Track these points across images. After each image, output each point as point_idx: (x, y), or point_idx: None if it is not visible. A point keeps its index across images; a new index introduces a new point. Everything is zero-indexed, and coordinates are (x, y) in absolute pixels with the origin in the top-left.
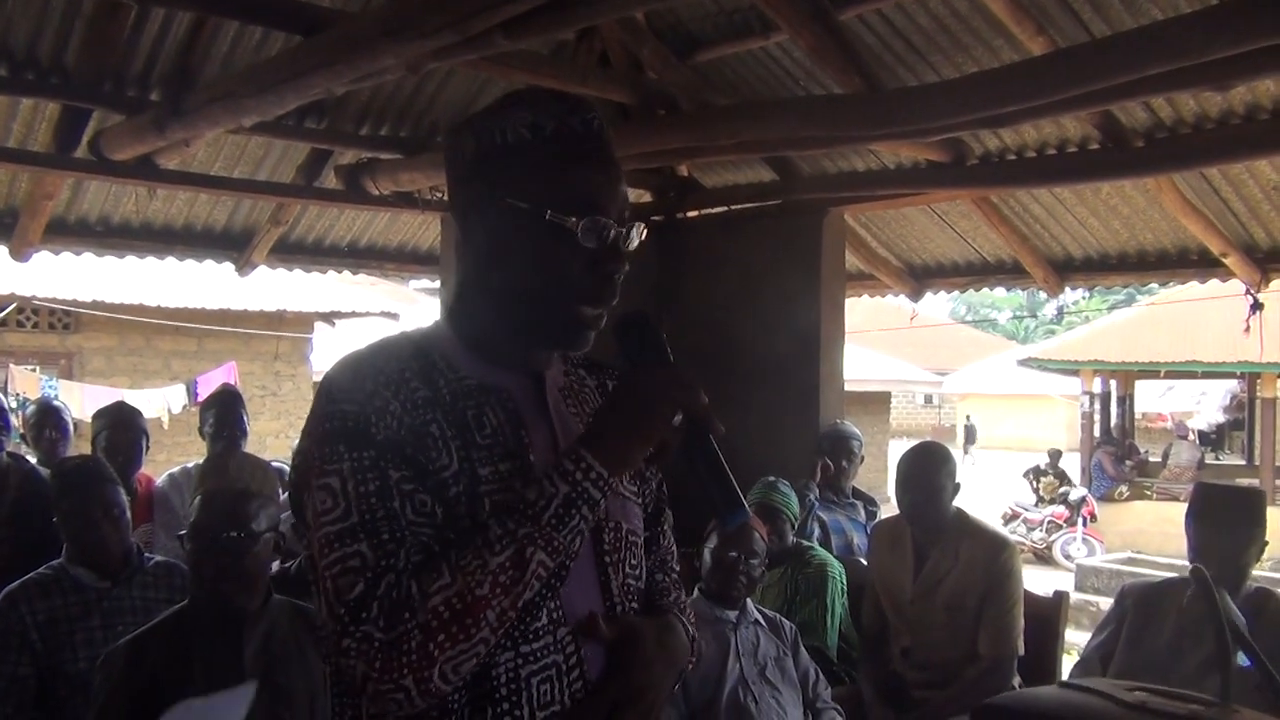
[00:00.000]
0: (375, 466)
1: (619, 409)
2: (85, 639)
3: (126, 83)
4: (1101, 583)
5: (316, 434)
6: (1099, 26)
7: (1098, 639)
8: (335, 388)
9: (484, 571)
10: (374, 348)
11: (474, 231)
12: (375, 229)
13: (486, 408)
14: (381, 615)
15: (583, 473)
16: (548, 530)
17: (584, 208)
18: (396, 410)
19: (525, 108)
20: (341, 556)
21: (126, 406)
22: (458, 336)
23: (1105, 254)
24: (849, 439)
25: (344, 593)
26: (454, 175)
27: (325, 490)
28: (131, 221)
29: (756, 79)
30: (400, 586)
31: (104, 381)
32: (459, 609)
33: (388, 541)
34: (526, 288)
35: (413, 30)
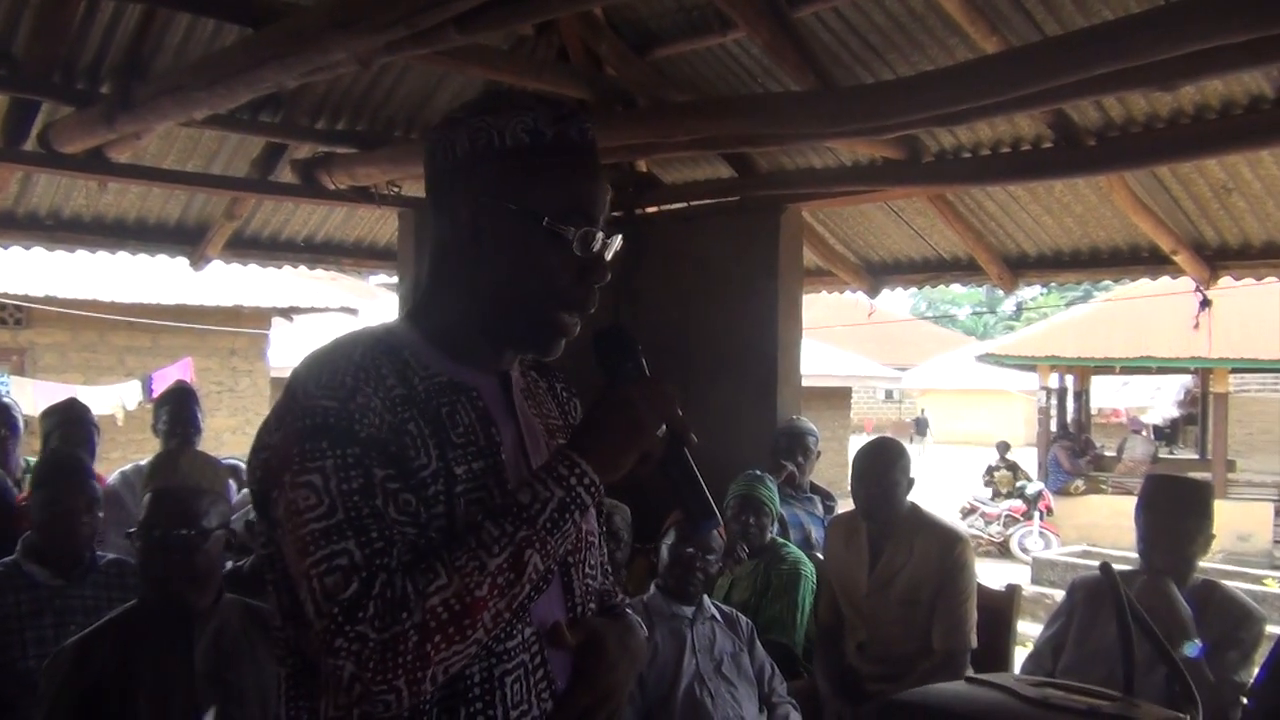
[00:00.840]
0: (359, 464)
1: (612, 418)
2: (36, 637)
3: (76, 74)
4: (1057, 575)
5: (294, 430)
6: (1051, 26)
7: (1049, 632)
8: (313, 383)
9: (483, 573)
10: (346, 343)
11: (458, 230)
12: (332, 224)
13: (458, 406)
14: (376, 615)
15: (576, 478)
16: (543, 534)
17: (579, 217)
18: (378, 407)
19: (524, 112)
20: (329, 555)
21: (77, 403)
22: (424, 334)
23: (1058, 251)
24: (805, 435)
25: (335, 591)
26: (440, 171)
27: (307, 487)
28: (83, 215)
29: (714, 76)
30: (394, 586)
31: (56, 378)
32: (458, 610)
33: (376, 539)
34: (512, 291)
35: (363, 23)
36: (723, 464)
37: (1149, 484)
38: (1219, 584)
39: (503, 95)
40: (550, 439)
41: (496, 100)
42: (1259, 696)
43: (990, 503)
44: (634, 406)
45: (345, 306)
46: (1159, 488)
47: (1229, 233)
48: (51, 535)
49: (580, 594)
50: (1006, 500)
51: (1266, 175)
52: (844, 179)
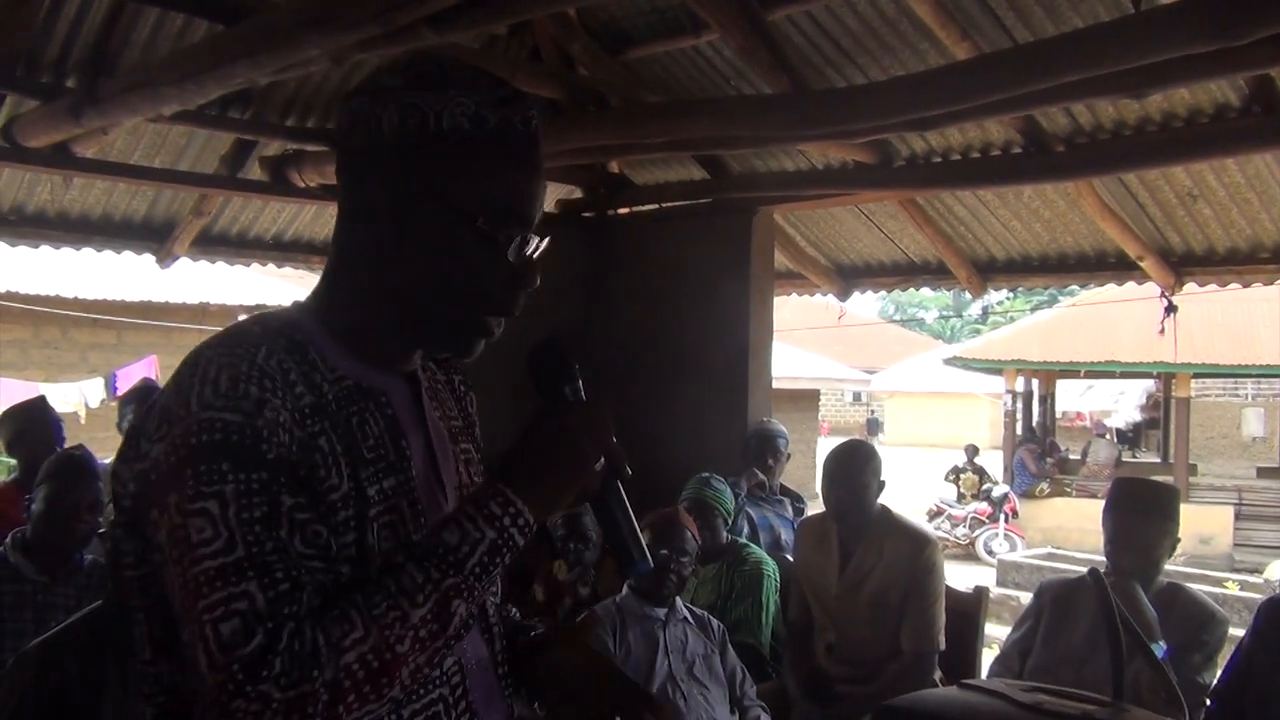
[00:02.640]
0: (265, 490)
1: (552, 450)
2: (15, 629)
3: (41, 68)
4: (1022, 578)
5: (187, 446)
6: (1022, 33)
7: (1016, 634)
8: (210, 390)
9: (404, 625)
10: (245, 338)
11: (375, 218)
12: (301, 222)
13: (367, 414)
14: (283, 673)
15: (510, 518)
16: (471, 580)
17: (513, 219)
18: (286, 422)
19: (464, 92)
20: (225, 598)
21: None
22: (327, 328)
23: (1027, 256)
24: (775, 437)
25: (234, 643)
26: (360, 147)
27: (201, 516)
28: (47, 210)
29: (687, 77)
30: (302, 638)
31: (17, 375)
32: (375, 667)
33: (281, 581)
34: (434, 292)
35: (336, 21)
36: (693, 465)
37: (1116, 487)
38: (1184, 587)
39: (437, 66)
40: (454, 444)
41: (430, 71)
42: (1221, 697)
43: (957, 505)
44: (576, 438)
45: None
46: (1126, 491)
47: (1194, 239)
48: (49, 530)
49: (494, 614)
50: (973, 503)
51: (1231, 183)
52: (815, 182)
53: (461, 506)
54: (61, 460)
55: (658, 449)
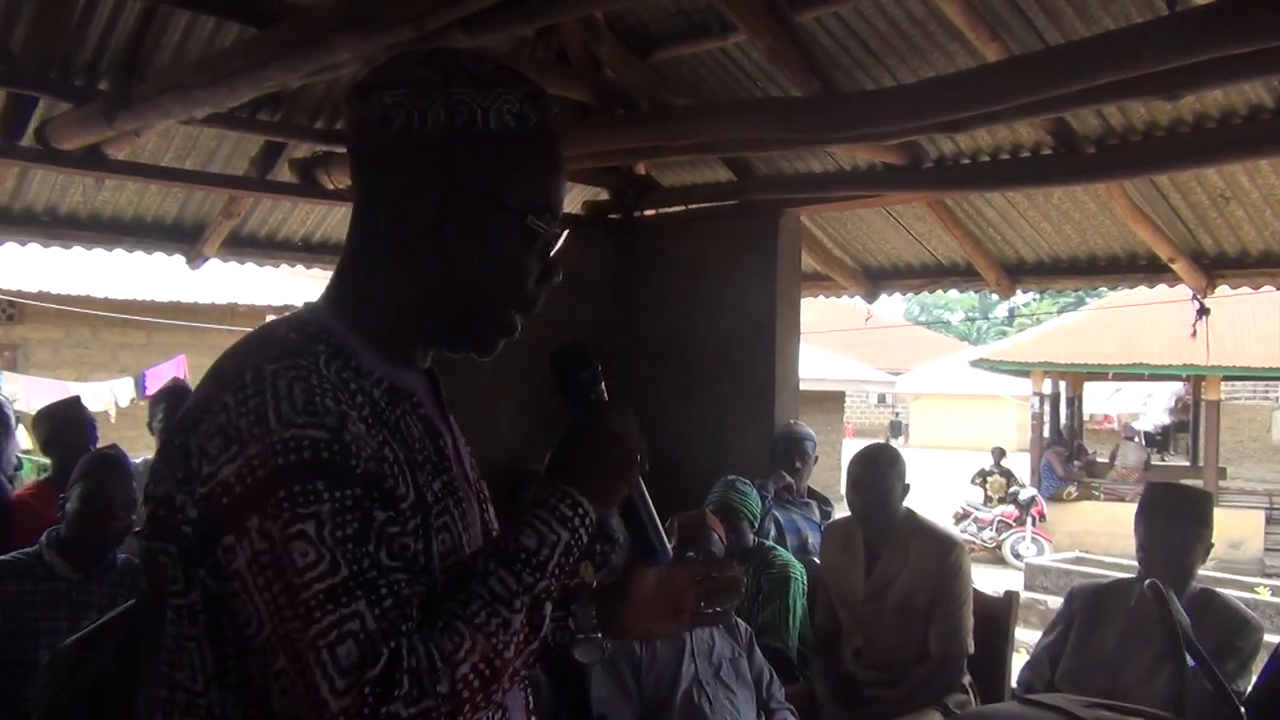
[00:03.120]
0: (359, 506)
1: (603, 452)
2: (49, 628)
3: (74, 71)
4: (1050, 582)
5: (273, 468)
6: (1053, 34)
7: (1047, 639)
8: (286, 407)
9: (507, 631)
10: (293, 348)
11: (414, 214)
12: (330, 223)
13: (407, 416)
14: (413, 689)
15: (579, 518)
16: (553, 581)
17: (553, 216)
18: (363, 433)
19: (509, 91)
20: (337, 621)
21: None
22: (351, 329)
23: (1056, 258)
24: (803, 440)
25: (360, 667)
26: (395, 141)
27: (300, 539)
28: (79, 212)
29: (714, 79)
30: (419, 654)
31: (49, 374)
32: (487, 675)
33: (386, 597)
34: (474, 290)
35: (369, 25)
36: (720, 467)
37: (1149, 492)
38: (1217, 593)
39: (464, 58)
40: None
41: (461, 65)
42: (1256, 705)
43: (983, 508)
44: (626, 442)
45: None
46: (1159, 497)
47: (1226, 242)
48: (84, 528)
49: None
50: (999, 506)
51: (1265, 185)
52: (843, 183)
53: (532, 510)
54: (95, 459)
55: (683, 452)
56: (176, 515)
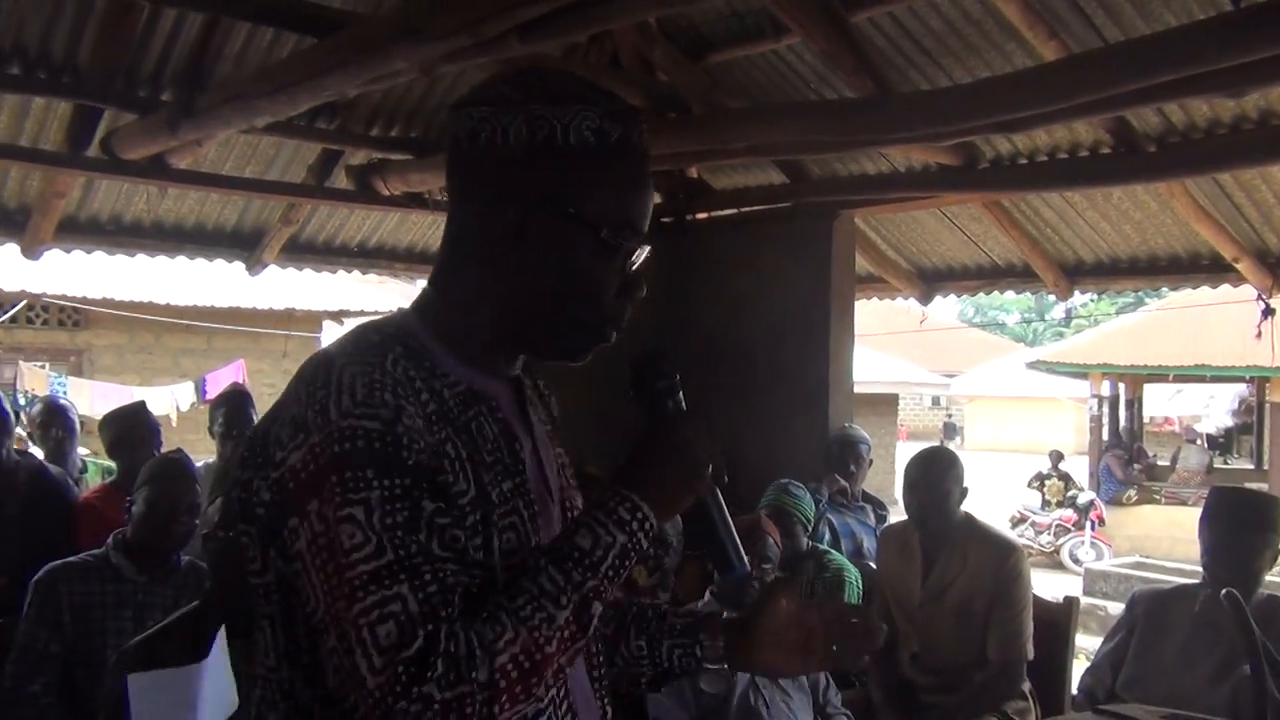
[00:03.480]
0: (408, 495)
1: (673, 461)
2: (116, 628)
3: (138, 82)
4: (1110, 587)
5: (330, 454)
6: (1112, 31)
7: (1108, 645)
8: (345, 400)
9: (551, 626)
10: (369, 346)
11: (497, 226)
12: (385, 229)
13: (482, 418)
14: (444, 674)
15: (638, 523)
16: (605, 582)
17: (633, 231)
18: (420, 428)
19: (586, 105)
20: (379, 601)
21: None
22: (436, 334)
23: (1116, 258)
24: (857, 443)
25: (397, 646)
26: (482, 156)
27: (349, 522)
28: (142, 220)
29: (767, 81)
30: (458, 640)
31: (113, 379)
32: (527, 668)
33: (430, 583)
34: (551, 299)
35: (426, 33)
36: (774, 470)
37: (1213, 497)
38: None
39: (553, 77)
40: (551, 447)
41: (548, 83)
42: None
43: (1040, 512)
44: (692, 450)
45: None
46: (1224, 502)
47: None
48: (149, 532)
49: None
50: (1057, 510)
51: None
52: (898, 185)
53: (590, 512)
54: (161, 464)
55: (737, 455)
56: (253, 499)
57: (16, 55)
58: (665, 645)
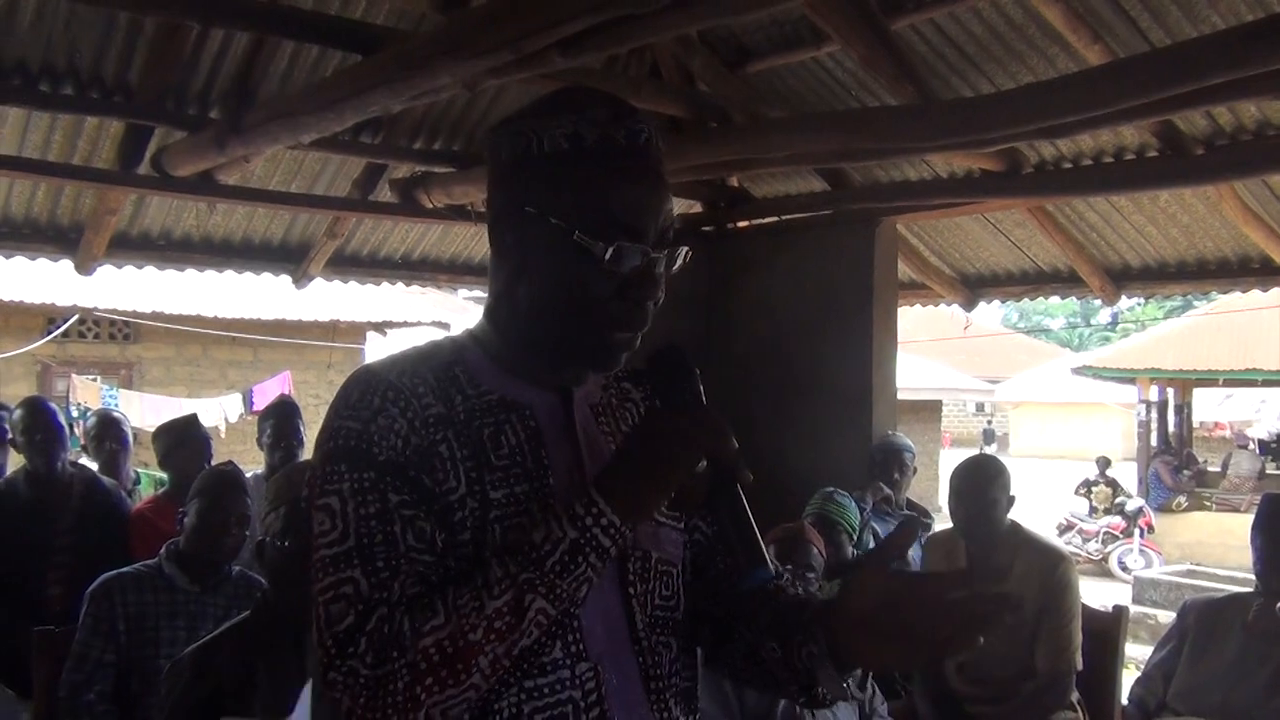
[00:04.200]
0: (375, 488)
1: (635, 454)
2: (169, 638)
3: (187, 101)
4: (1160, 595)
5: (323, 451)
6: (1157, 34)
7: (1159, 655)
8: (342, 403)
9: (479, 615)
10: (392, 359)
11: (503, 241)
12: (428, 241)
13: (505, 425)
14: (369, 651)
15: (593, 518)
16: (550, 577)
17: (616, 231)
18: (402, 429)
19: (568, 114)
20: (335, 582)
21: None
22: (483, 348)
23: (1164, 262)
24: (901, 451)
25: (334, 622)
26: (491, 178)
27: (324, 511)
28: (192, 235)
29: (808, 90)
30: (391, 621)
31: (162, 391)
32: (450, 653)
33: (382, 570)
34: (552, 306)
35: (470, 49)
36: (817, 479)
37: (1266, 504)
38: None
39: (557, 94)
40: None
41: (548, 102)
42: None
43: (1088, 519)
44: (665, 440)
45: (437, 320)
46: (1277, 508)
47: None
48: (200, 543)
49: (645, 628)
50: (1105, 517)
51: None
52: (940, 191)
53: (552, 507)
54: (212, 476)
55: (779, 464)
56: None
57: (70, 76)
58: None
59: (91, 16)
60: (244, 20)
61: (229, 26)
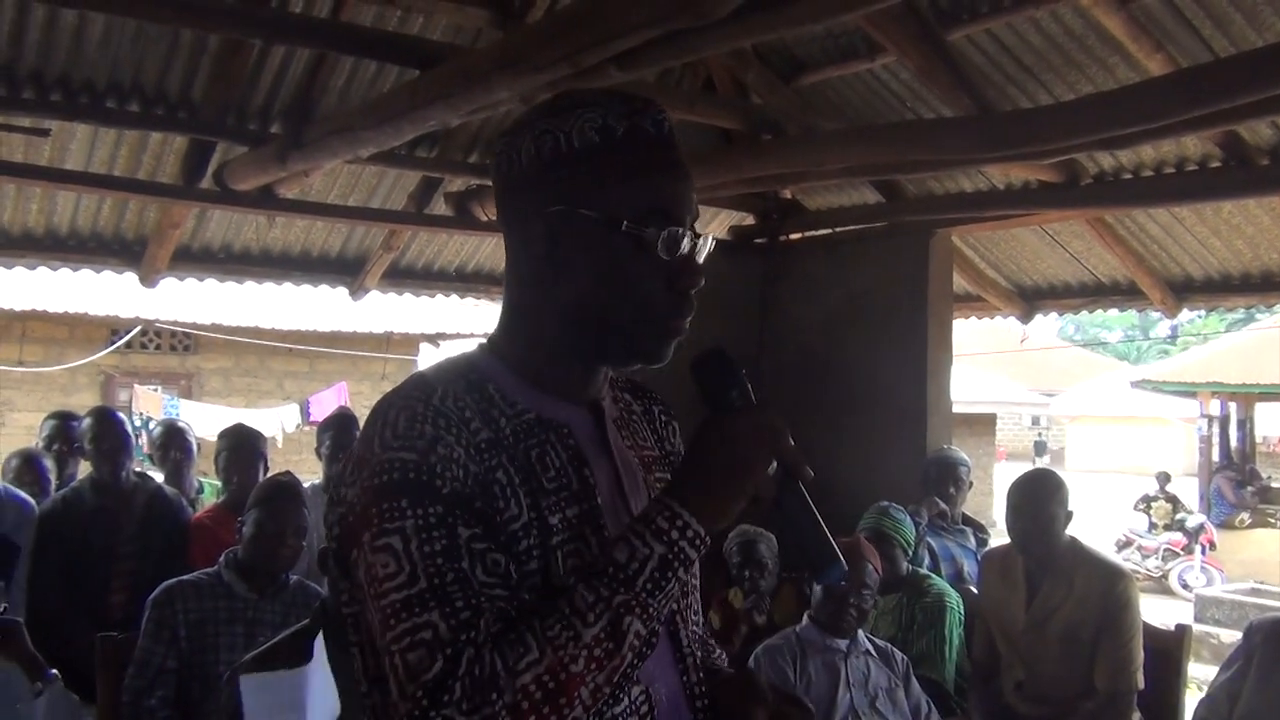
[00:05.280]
0: (443, 523)
1: (713, 460)
2: (228, 644)
3: (249, 116)
4: (1223, 614)
5: (371, 487)
6: (1221, 43)
7: (1224, 676)
8: (387, 433)
9: (577, 645)
10: (425, 382)
11: (533, 247)
12: (483, 253)
13: (548, 446)
14: (464, 697)
15: (679, 531)
16: (643, 596)
17: (660, 217)
18: (461, 458)
19: (589, 109)
20: (411, 629)
21: (246, 428)
22: (506, 364)
23: (1227, 274)
24: (957, 466)
25: (419, 671)
26: (507, 186)
27: (386, 552)
28: (251, 248)
29: (862, 101)
30: (482, 663)
31: (220, 401)
32: (551, 688)
33: (462, 609)
34: (599, 305)
35: (528, 64)
36: (871, 494)
37: None
38: None
39: (563, 97)
40: (648, 473)
41: (558, 103)
42: None
43: (1147, 535)
44: (738, 443)
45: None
46: None
47: None
48: (257, 553)
49: (688, 643)
50: (1165, 533)
51: None
52: (997, 202)
53: (630, 525)
54: (269, 487)
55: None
56: (331, 534)
57: (135, 93)
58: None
59: (157, 35)
60: (306, 37)
61: (291, 43)
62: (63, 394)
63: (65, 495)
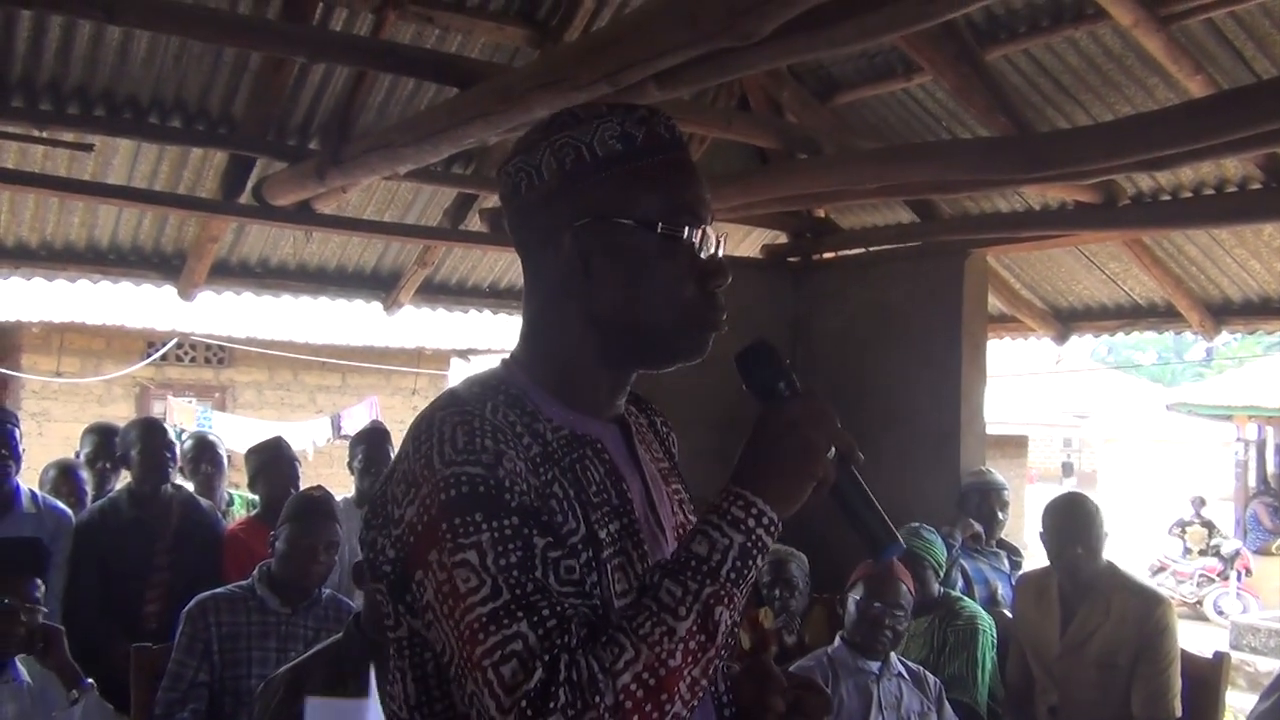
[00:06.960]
0: (519, 534)
1: (781, 445)
2: (260, 658)
3: (288, 133)
4: (1260, 642)
5: (438, 503)
6: (1263, 64)
7: (1264, 705)
8: (447, 448)
9: (673, 639)
10: (470, 397)
11: (562, 261)
12: (516, 270)
13: (587, 461)
14: (568, 704)
15: (754, 519)
16: (729, 586)
17: (690, 218)
18: (523, 471)
19: (605, 119)
20: (500, 641)
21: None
22: (535, 381)
23: (1266, 297)
24: (1000, 490)
25: (517, 683)
26: (528, 202)
27: (464, 567)
28: (288, 263)
29: (898, 121)
30: (579, 667)
31: (253, 414)
32: (652, 685)
33: (549, 618)
34: (636, 308)
35: (568, 83)
36: (903, 515)
37: None
38: None
39: (569, 113)
40: (666, 485)
41: (569, 118)
42: None
43: (1182, 560)
44: (800, 428)
45: None
46: None
47: None
48: (290, 568)
49: (725, 688)
50: (1200, 559)
51: None
52: (1032, 223)
53: (704, 518)
54: (302, 502)
55: None
56: (380, 557)
57: (177, 109)
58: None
59: (200, 52)
60: (346, 55)
61: (332, 61)
62: (99, 405)
63: (102, 506)
